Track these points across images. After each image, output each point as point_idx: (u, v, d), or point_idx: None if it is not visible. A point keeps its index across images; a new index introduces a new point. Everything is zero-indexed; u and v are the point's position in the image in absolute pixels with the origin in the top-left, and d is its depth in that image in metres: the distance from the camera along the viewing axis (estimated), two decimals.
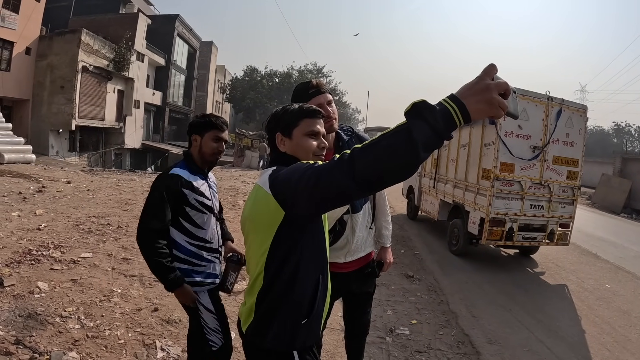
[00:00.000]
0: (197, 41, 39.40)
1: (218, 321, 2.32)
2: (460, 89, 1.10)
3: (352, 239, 2.41)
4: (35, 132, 20.26)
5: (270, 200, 1.44)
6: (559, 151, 6.73)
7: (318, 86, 2.25)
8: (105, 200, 9.23)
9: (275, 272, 1.53)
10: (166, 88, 33.48)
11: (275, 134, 1.66)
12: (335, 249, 2.40)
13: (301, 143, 1.62)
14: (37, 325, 3.44)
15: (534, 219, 6.71)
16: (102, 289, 4.27)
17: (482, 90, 1.06)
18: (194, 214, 2.22)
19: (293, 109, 1.65)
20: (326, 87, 2.29)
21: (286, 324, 1.54)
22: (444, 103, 1.07)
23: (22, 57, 19.90)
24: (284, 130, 1.64)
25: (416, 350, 3.83)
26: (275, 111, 1.71)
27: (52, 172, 13.79)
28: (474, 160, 7.10)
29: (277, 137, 1.65)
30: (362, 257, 2.50)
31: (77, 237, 6.02)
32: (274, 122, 1.67)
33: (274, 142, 1.68)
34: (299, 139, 1.62)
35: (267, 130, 1.70)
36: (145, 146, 29.86)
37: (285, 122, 1.64)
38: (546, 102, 6.58)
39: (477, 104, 1.06)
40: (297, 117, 1.63)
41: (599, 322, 5.06)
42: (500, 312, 5.07)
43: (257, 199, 1.54)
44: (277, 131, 1.65)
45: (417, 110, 1.07)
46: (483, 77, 1.08)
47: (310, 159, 1.57)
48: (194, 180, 2.23)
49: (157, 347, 3.32)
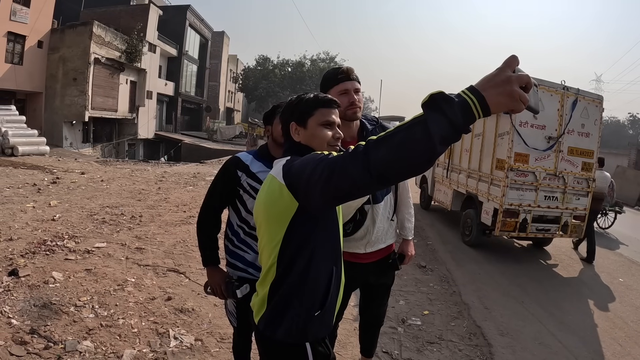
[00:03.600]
0: (208, 31, 39.38)
1: (235, 307, 2.33)
2: (480, 80, 1.05)
3: (372, 230, 2.40)
4: (48, 124, 20.47)
5: (284, 191, 1.42)
6: (574, 142, 6.63)
7: (348, 72, 2.25)
8: (119, 191, 9.32)
9: (289, 263, 1.51)
10: (178, 78, 33.57)
11: (289, 123, 1.62)
12: (355, 239, 2.40)
13: (316, 133, 1.58)
14: (52, 314, 3.49)
15: (548, 210, 6.63)
16: (116, 279, 4.32)
17: (503, 83, 1.01)
18: (246, 198, 2.21)
19: (308, 98, 1.62)
20: (356, 75, 2.28)
21: (299, 316, 1.53)
22: (463, 95, 1.03)
23: (34, 50, 20.04)
24: (298, 119, 1.60)
25: (428, 341, 3.82)
26: (290, 100, 1.69)
27: (66, 163, 13.96)
28: (488, 150, 7.03)
29: (291, 127, 1.61)
30: (382, 249, 2.49)
31: (91, 227, 6.09)
32: (289, 111, 1.64)
33: (288, 132, 1.65)
34: (314, 128, 1.59)
35: (282, 120, 1.67)
36: (158, 136, 30.03)
37: (300, 111, 1.61)
38: (561, 92, 6.47)
39: (498, 96, 1.02)
40: (312, 107, 1.59)
41: (611, 317, 5.00)
42: (513, 304, 5.04)
43: (270, 189, 1.51)
44: (291, 120, 1.62)
45: (435, 102, 1.04)
46: (504, 69, 1.03)
47: (325, 149, 1.55)
48: (253, 164, 2.22)
49: (170, 336, 3.35)
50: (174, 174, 13.39)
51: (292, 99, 1.68)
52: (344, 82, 2.23)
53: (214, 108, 41.89)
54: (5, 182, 9.11)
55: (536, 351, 3.91)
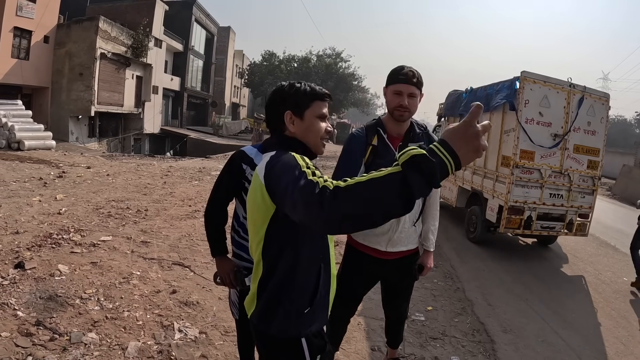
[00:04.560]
0: (214, 26, 39.35)
1: (238, 297, 2.35)
2: (450, 134, 1.07)
3: (395, 228, 2.42)
4: (54, 119, 20.55)
5: (263, 191, 1.41)
6: (580, 140, 6.60)
7: (408, 76, 2.28)
8: (124, 185, 9.37)
9: (273, 262, 1.51)
10: (184, 73, 33.58)
11: (284, 112, 1.56)
12: (376, 235, 2.43)
13: (313, 125, 1.58)
14: (58, 306, 3.52)
15: (553, 208, 6.61)
16: (122, 272, 4.35)
17: (472, 138, 1.05)
18: None
19: (305, 89, 1.58)
20: (417, 80, 2.29)
21: (289, 313, 1.53)
22: (441, 156, 1.04)
23: (40, 45, 20.10)
24: (295, 109, 1.56)
25: (431, 337, 3.83)
26: (282, 87, 1.62)
27: (72, 157, 14.04)
28: (494, 147, 7.00)
29: (286, 116, 1.56)
30: (403, 251, 2.52)
31: (97, 220, 6.13)
32: (281, 99, 1.59)
33: (277, 122, 1.60)
34: (311, 120, 1.57)
35: (270, 108, 1.61)
36: (164, 131, 30.09)
37: (296, 101, 1.57)
38: (568, 89, 6.44)
39: (468, 153, 1.05)
40: (310, 99, 1.57)
41: (614, 316, 4.98)
42: (516, 302, 5.03)
43: (254, 185, 1.50)
44: (287, 109, 1.56)
45: (415, 162, 1.03)
46: (471, 122, 1.06)
47: (318, 143, 1.60)
48: (258, 157, 2.23)
49: (174, 329, 3.37)
50: (180, 168, 13.44)
51: (283, 87, 1.62)
52: (402, 83, 2.28)
53: (220, 103, 41.92)
54: (12, 176, 9.17)
55: (539, 349, 3.91)
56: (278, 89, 1.62)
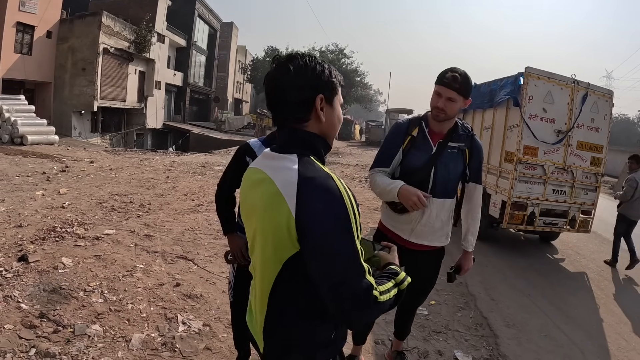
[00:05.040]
0: (217, 22, 39.31)
1: (234, 277, 2.45)
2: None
3: (419, 220, 2.45)
4: (57, 114, 20.56)
5: (291, 224, 1.12)
6: (584, 136, 6.57)
7: (450, 80, 2.31)
8: (127, 179, 9.39)
9: (284, 305, 1.25)
10: (187, 69, 33.57)
11: (314, 96, 1.21)
12: (401, 222, 2.50)
13: (339, 115, 1.31)
14: (61, 299, 3.54)
15: (556, 204, 6.59)
16: (125, 265, 4.36)
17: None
18: None
19: (335, 73, 1.28)
20: (458, 87, 2.31)
21: (313, 346, 1.29)
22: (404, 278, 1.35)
23: (43, 40, 20.09)
24: (328, 94, 1.24)
25: (434, 331, 3.83)
26: (310, 62, 1.23)
27: (75, 152, 14.06)
28: (497, 142, 6.98)
29: (317, 101, 1.21)
30: (426, 246, 2.55)
31: (100, 214, 6.15)
32: (312, 80, 1.21)
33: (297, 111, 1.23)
34: (338, 109, 1.30)
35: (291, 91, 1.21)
36: (166, 126, 30.11)
37: (329, 85, 1.25)
38: (572, 85, 6.41)
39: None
40: (338, 83, 1.29)
41: (617, 312, 4.98)
42: (519, 297, 5.03)
43: (271, 203, 1.16)
44: (319, 92, 1.22)
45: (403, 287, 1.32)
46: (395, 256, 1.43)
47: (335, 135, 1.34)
48: (260, 150, 2.28)
49: (178, 321, 3.38)
50: (182, 163, 13.45)
51: (310, 64, 1.22)
52: (443, 86, 2.33)
53: (223, 99, 41.90)
54: (15, 171, 9.20)
55: (542, 343, 3.91)
56: (302, 66, 1.21)
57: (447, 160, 2.43)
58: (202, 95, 38.54)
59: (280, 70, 1.22)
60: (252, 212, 1.26)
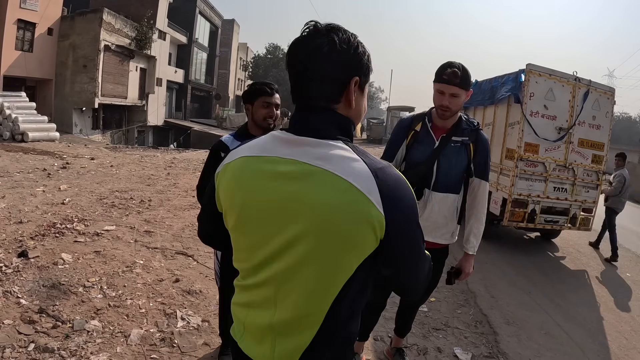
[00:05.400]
0: (218, 19, 39.25)
1: (219, 267, 2.50)
2: None
3: (421, 213, 2.41)
4: (58, 111, 20.57)
5: (376, 222, 0.97)
6: (585, 134, 6.55)
7: (449, 76, 2.28)
8: (128, 176, 9.39)
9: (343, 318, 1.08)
10: (188, 66, 33.53)
11: (353, 76, 1.07)
12: None
13: (366, 104, 1.17)
14: (61, 294, 3.54)
15: (556, 202, 6.57)
16: (125, 261, 4.36)
17: None
18: None
19: (370, 55, 1.12)
20: (459, 81, 2.28)
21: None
22: None
23: (44, 37, 20.08)
24: (363, 79, 1.10)
25: (434, 328, 3.83)
26: (354, 38, 1.07)
27: (76, 149, 14.06)
28: (498, 139, 6.97)
29: (352, 83, 1.07)
30: (429, 242, 2.49)
31: (100, 210, 6.15)
32: (357, 57, 1.07)
33: (331, 92, 1.07)
34: (366, 98, 1.16)
35: (338, 63, 1.04)
36: (167, 123, 30.10)
37: (367, 69, 1.11)
38: (573, 82, 6.39)
39: None
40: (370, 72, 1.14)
41: (617, 310, 4.98)
42: (519, 294, 5.02)
43: (344, 200, 0.96)
44: (356, 75, 1.07)
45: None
46: None
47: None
48: (233, 144, 2.28)
49: (177, 317, 3.38)
50: (183, 160, 13.45)
51: (352, 38, 1.07)
52: (444, 84, 2.30)
53: (224, 96, 41.87)
54: (16, 167, 9.19)
55: (542, 341, 3.91)
56: (346, 40, 1.05)
57: (450, 154, 2.41)
58: (203, 93, 38.52)
59: (320, 40, 1.03)
60: (289, 212, 1.01)
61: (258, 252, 1.07)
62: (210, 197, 1.21)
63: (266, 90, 2.41)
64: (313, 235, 0.98)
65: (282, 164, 1.03)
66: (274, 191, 1.02)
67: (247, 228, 1.08)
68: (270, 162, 1.05)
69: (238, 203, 1.08)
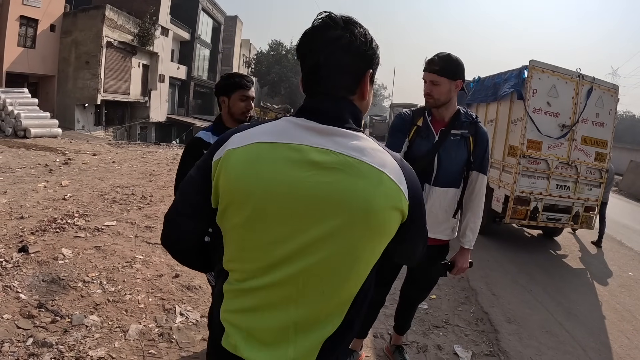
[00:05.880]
0: (221, 15, 39.18)
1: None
2: None
3: None
4: (61, 107, 20.56)
5: (404, 210, 1.03)
6: (588, 131, 6.51)
7: (428, 63, 2.34)
8: (130, 172, 9.39)
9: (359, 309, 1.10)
10: (191, 62, 33.49)
11: (368, 69, 1.08)
12: None
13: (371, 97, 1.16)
14: (60, 289, 3.53)
15: (559, 199, 6.53)
16: (125, 256, 4.35)
17: None
18: None
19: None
20: (439, 69, 2.29)
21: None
22: None
23: (46, 34, 20.08)
24: (374, 73, 1.12)
25: (434, 325, 3.81)
26: (369, 33, 1.09)
27: (78, 145, 14.07)
28: (501, 136, 6.93)
29: (367, 76, 1.09)
30: (429, 239, 2.49)
31: (101, 206, 6.14)
32: (373, 50, 1.08)
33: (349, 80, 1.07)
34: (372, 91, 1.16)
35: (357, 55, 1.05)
36: (170, 120, 30.08)
37: (377, 63, 1.13)
38: (577, 79, 6.34)
39: None
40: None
41: (619, 310, 4.94)
42: (521, 292, 5.00)
43: (385, 191, 0.99)
44: (371, 67, 1.09)
45: None
46: None
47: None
48: (212, 139, 2.26)
49: (176, 312, 3.38)
50: None
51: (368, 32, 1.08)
52: (424, 71, 2.35)
53: None
54: (18, 163, 9.20)
55: (543, 339, 3.88)
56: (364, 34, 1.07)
57: (450, 148, 2.39)
58: (206, 89, 38.49)
59: (339, 31, 1.03)
60: (323, 203, 0.97)
61: (279, 248, 1.00)
62: (198, 192, 1.08)
63: (245, 83, 2.38)
64: (354, 225, 0.97)
65: (314, 152, 0.99)
66: (307, 181, 0.97)
67: (267, 222, 0.99)
68: (297, 150, 0.99)
69: (256, 194, 0.98)
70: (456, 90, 2.35)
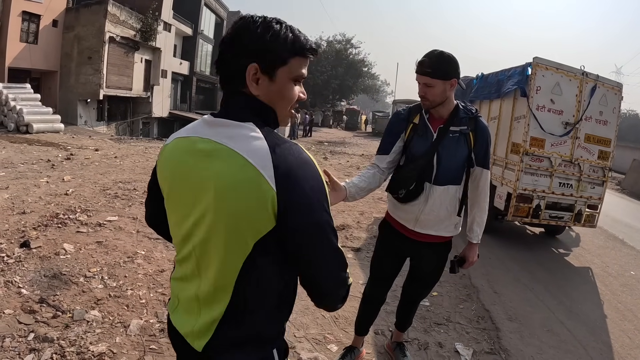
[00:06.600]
0: (224, 11, 39.11)
1: None
2: None
3: (422, 208, 2.39)
4: (63, 103, 20.62)
5: (268, 198, 1.00)
6: (592, 129, 6.46)
7: (418, 66, 2.30)
8: (132, 167, 9.40)
9: (252, 292, 1.12)
10: (193, 58, 33.48)
11: (249, 63, 1.10)
12: (404, 210, 2.46)
13: (287, 89, 1.16)
14: (62, 284, 3.54)
15: (562, 197, 6.50)
16: (127, 251, 4.36)
17: None
18: None
19: (287, 35, 1.13)
20: (430, 71, 2.25)
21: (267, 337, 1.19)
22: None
23: (49, 29, 20.12)
24: (265, 64, 1.12)
25: (435, 323, 3.80)
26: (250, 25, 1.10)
27: (80, 140, 14.09)
28: (504, 133, 6.90)
29: (251, 69, 1.10)
30: (433, 236, 2.49)
31: (103, 201, 6.15)
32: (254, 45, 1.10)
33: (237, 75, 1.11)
34: (285, 82, 1.15)
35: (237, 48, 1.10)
36: (172, 115, 30.09)
37: (270, 53, 1.11)
38: (580, 77, 6.29)
39: None
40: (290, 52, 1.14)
41: (621, 309, 4.92)
42: (522, 290, 4.99)
43: (241, 177, 1.01)
44: (253, 61, 1.10)
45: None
46: None
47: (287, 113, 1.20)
48: None
49: None
50: None
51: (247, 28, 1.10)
52: (417, 73, 2.32)
53: None
54: (20, 159, 9.22)
55: (544, 338, 3.87)
56: (237, 31, 1.10)
57: (449, 145, 2.35)
58: (208, 84, 38.49)
59: (230, 29, 1.12)
60: (200, 187, 1.07)
61: (181, 227, 1.15)
62: (154, 182, 1.28)
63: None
64: (212, 211, 1.05)
65: (199, 142, 1.10)
66: (191, 168, 1.09)
67: (174, 205, 1.18)
68: (193, 141, 1.12)
69: (168, 182, 1.18)
70: (452, 89, 2.31)
